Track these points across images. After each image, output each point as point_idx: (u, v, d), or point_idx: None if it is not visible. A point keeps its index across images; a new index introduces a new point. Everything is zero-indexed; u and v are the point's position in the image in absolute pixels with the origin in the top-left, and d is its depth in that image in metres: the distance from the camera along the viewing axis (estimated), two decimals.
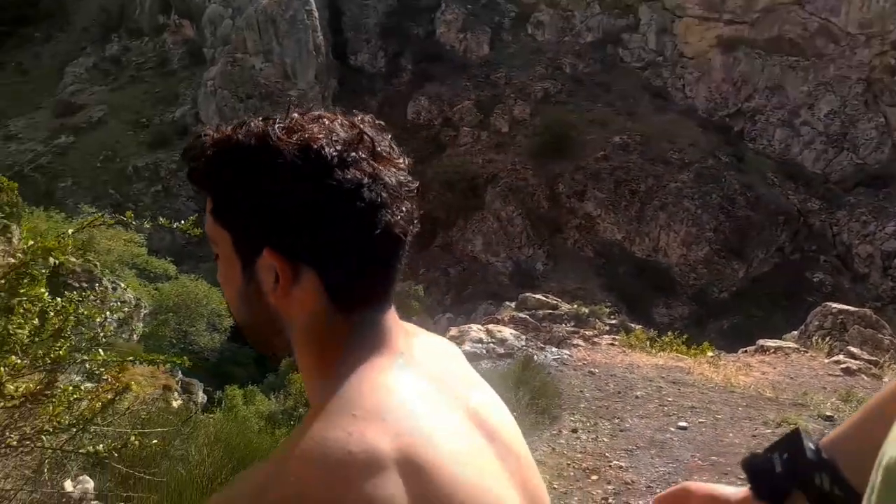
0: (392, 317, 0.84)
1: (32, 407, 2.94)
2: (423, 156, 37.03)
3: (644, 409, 5.34)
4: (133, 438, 2.92)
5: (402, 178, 0.80)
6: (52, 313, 2.86)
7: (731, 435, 4.73)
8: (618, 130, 32.23)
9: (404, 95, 36.73)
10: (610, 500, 3.62)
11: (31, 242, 3.15)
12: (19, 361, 2.80)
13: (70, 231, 3.37)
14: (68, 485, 2.93)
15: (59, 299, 2.95)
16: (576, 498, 3.62)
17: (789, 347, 8.16)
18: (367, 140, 0.78)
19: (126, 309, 12.67)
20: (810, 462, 0.80)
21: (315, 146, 0.74)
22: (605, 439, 4.58)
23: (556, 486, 3.76)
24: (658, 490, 3.75)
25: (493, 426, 0.92)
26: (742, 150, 32.58)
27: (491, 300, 24.53)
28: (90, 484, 2.99)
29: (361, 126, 0.79)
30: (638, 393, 5.80)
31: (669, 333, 9.85)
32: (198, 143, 0.80)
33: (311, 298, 0.78)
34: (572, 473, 3.95)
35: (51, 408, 2.90)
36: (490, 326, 7.19)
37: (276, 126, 0.76)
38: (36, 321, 2.90)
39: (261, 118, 0.80)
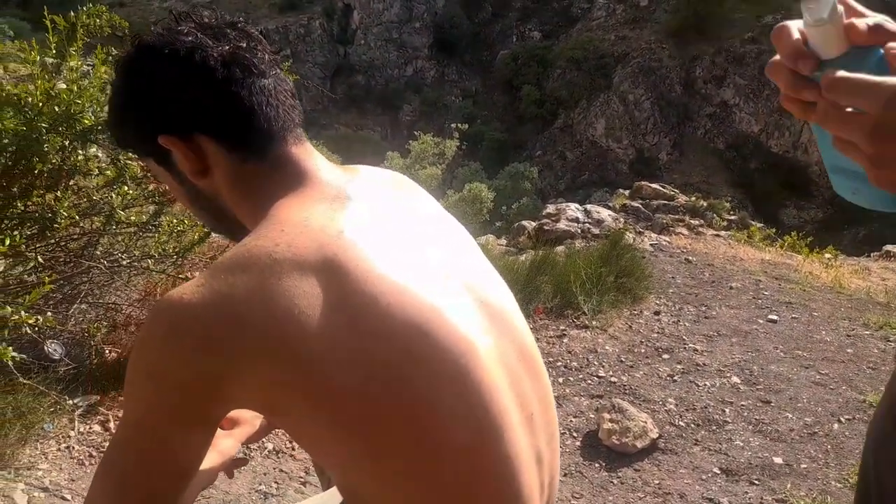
0: (306, 150, 0.91)
1: (142, 234, 3.28)
2: (551, 29, 35.32)
3: (736, 300, 5.18)
4: None
5: (231, 30, 0.87)
6: None
7: (823, 332, 4.52)
8: (772, 9, 29.06)
9: None
10: (675, 378, 3.63)
11: None
12: (131, 192, 3.09)
13: None
14: None
15: None
16: (641, 372, 3.66)
17: None
18: (188, 17, 0.89)
19: None
20: None
21: (143, 42, 0.86)
22: (687, 324, 4.52)
23: (623, 359, 3.80)
24: (729, 374, 3.71)
25: (439, 236, 0.96)
26: None
27: (607, 188, 23.89)
28: None
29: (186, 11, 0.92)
30: (734, 284, 5.60)
31: (793, 233, 9.24)
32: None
33: (219, 161, 0.86)
34: (643, 350, 3.96)
35: (157, 236, 3.22)
36: (589, 206, 7.07)
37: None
38: None
39: None
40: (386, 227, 0.87)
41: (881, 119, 0.51)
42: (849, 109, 0.53)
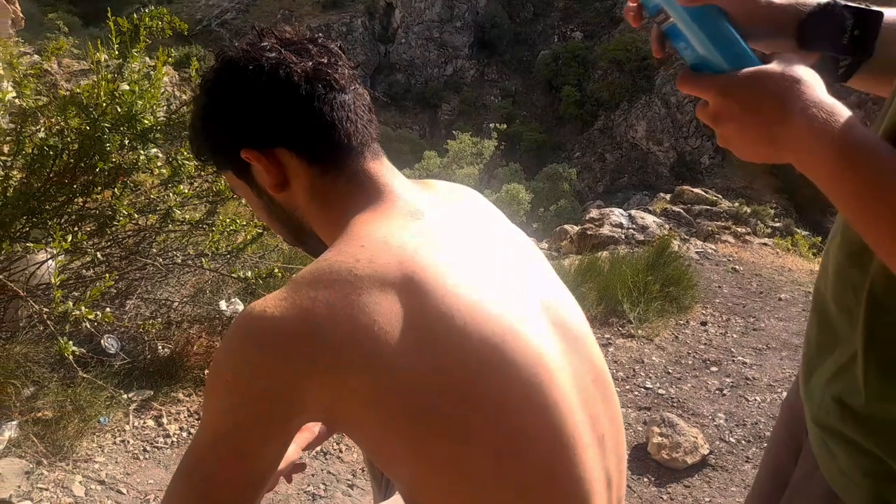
0: (384, 166, 0.92)
1: (196, 233, 3.33)
2: (594, 30, 35.00)
3: (785, 311, 5.06)
4: (276, 270, 3.25)
5: (312, 46, 0.88)
6: None
7: None
8: None
9: None
10: (725, 392, 3.55)
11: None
12: (187, 191, 3.15)
13: None
14: (222, 304, 3.34)
15: None
16: (689, 384, 3.59)
17: None
18: (270, 33, 0.89)
19: None
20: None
21: (227, 58, 0.87)
22: (735, 335, 4.43)
23: (670, 370, 3.74)
24: (780, 390, 3.62)
25: (514, 255, 0.95)
26: None
27: (647, 191, 23.58)
28: (240, 306, 3.39)
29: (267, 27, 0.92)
30: (783, 296, 5.47)
31: None
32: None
33: (299, 175, 0.88)
34: (691, 362, 3.89)
35: (210, 235, 3.27)
36: (633, 212, 6.96)
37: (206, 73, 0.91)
38: None
39: None
40: (462, 245, 0.87)
41: (716, 108, 0.67)
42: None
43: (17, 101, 2.97)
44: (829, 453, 0.81)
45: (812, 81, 0.65)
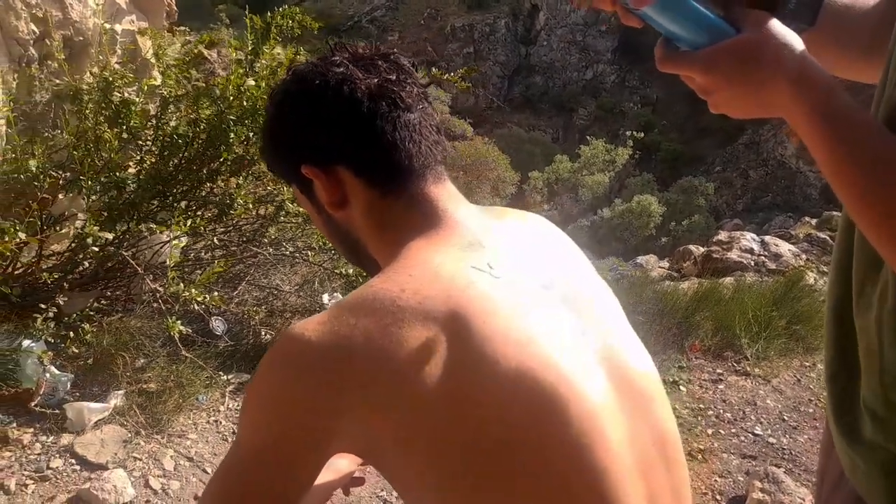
0: (446, 190, 0.87)
1: (307, 226, 3.44)
2: None
3: None
4: None
5: (382, 62, 0.85)
6: None
7: None
8: None
9: None
10: None
11: None
12: None
13: None
14: (325, 297, 3.43)
15: None
16: (806, 436, 3.26)
17: None
18: (343, 47, 0.86)
19: None
20: None
21: (296, 72, 0.86)
22: None
23: (786, 417, 3.42)
24: None
25: (576, 297, 0.87)
26: None
27: (791, 213, 21.92)
28: None
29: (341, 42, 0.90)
30: None
31: None
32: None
33: (357, 195, 0.85)
34: (812, 411, 3.54)
35: None
36: (766, 238, 6.45)
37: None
38: None
39: None
40: (521, 283, 0.81)
41: (704, 83, 0.71)
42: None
43: (159, 89, 3.19)
44: (852, 459, 0.82)
45: (792, 43, 0.67)
